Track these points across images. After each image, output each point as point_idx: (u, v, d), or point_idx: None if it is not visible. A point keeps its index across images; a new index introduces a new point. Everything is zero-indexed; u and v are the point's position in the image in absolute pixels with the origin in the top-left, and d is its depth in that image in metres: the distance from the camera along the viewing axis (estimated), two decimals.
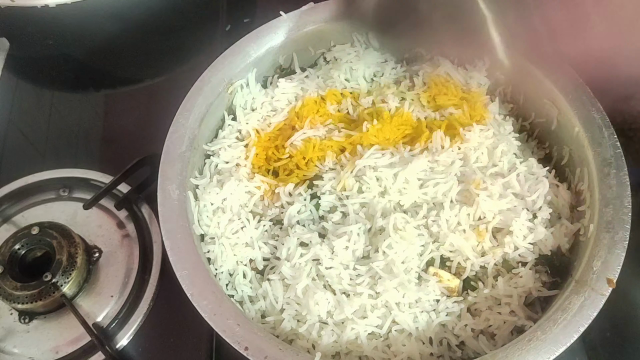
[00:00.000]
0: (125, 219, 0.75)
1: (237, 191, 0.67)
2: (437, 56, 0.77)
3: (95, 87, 0.93)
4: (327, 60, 0.79)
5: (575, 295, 0.56)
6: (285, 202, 0.67)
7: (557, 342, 0.53)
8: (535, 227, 0.63)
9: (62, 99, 0.91)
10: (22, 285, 0.66)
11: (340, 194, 0.66)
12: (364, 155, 0.67)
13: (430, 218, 0.64)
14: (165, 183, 0.64)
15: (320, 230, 0.65)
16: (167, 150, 0.67)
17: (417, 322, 0.59)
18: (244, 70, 0.74)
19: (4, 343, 0.68)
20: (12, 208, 0.77)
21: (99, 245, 0.74)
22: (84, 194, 0.78)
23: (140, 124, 0.86)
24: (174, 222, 0.62)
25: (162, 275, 0.71)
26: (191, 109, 0.70)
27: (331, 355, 0.59)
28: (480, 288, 0.62)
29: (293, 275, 0.61)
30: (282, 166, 0.70)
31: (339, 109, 0.74)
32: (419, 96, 0.74)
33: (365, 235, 0.63)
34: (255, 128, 0.72)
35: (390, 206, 0.65)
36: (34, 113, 0.89)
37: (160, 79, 0.93)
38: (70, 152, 0.85)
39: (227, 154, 0.70)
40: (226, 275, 0.64)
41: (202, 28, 0.95)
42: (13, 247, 0.68)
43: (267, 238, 0.66)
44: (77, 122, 0.89)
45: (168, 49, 0.94)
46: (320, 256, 0.62)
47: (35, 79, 0.94)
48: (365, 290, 0.60)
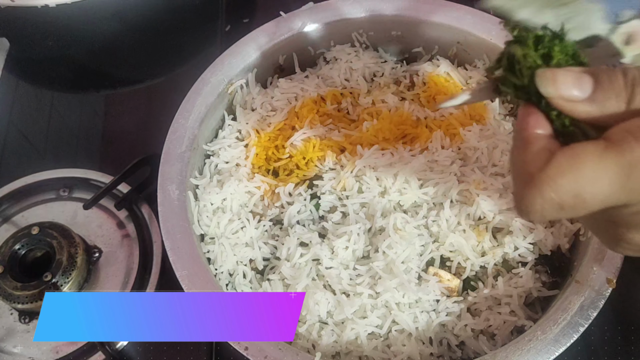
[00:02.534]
0: (125, 219, 0.75)
1: (237, 191, 0.67)
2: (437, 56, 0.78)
3: (95, 87, 0.93)
4: (327, 60, 0.79)
5: (575, 295, 0.56)
6: (285, 202, 0.67)
7: (557, 342, 0.53)
8: (535, 227, 0.63)
9: (62, 99, 0.91)
10: (22, 285, 0.66)
11: (340, 194, 0.66)
12: (364, 155, 0.67)
13: (430, 218, 0.64)
14: (165, 183, 0.64)
15: (320, 230, 0.65)
16: (167, 150, 0.67)
17: (417, 322, 0.59)
18: (244, 70, 0.74)
19: (4, 343, 0.68)
20: (12, 208, 0.77)
21: (99, 245, 0.74)
22: (84, 194, 0.78)
23: (140, 124, 0.86)
24: (174, 222, 0.62)
25: (162, 275, 0.71)
26: (191, 109, 0.70)
27: (331, 355, 0.59)
28: (480, 288, 0.62)
29: (293, 275, 0.61)
30: (282, 166, 0.70)
31: (339, 109, 0.74)
32: (418, 96, 0.74)
33: (365, 235, 0.63)
34: (255, 128, 0.72)
35: (390, 206, 0.65)
36: (34, 113, 0.89)
37: (160, 79, 0.93)
38: (70, 152, 0.85)
39: (227, 154, 0.70)
40: (226, 275, 0.64)
41: (202, 28, 0.95)
42: (13, 247, 0.68)
43: (267, 238, 0.66)
44: (77, 122, 0.89)
45: (168, 49, 0.94)
46: (320, 256, 0.62)
47: (35, 79, 0.94)
48: (365, 290, 0.60)
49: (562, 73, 0.31)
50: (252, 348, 0.54)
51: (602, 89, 0.30)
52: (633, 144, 0.28)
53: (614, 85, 0.30)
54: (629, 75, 0.30)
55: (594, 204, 0.29)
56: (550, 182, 0.29)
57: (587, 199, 0.29)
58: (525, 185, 0.30)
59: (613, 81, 0.30)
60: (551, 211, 0.30)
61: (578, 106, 0.31)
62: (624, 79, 0.30)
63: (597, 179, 0.28)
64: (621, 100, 0.30)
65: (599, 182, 0.28)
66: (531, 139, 0.31)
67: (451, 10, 0.75)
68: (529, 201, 0.30)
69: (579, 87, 0.31)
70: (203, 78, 0.72)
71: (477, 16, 0.74)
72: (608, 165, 0.28)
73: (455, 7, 0.75)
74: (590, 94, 0.31)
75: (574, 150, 0.29)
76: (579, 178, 0.29)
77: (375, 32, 0.78)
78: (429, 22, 0.75)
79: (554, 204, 0.29)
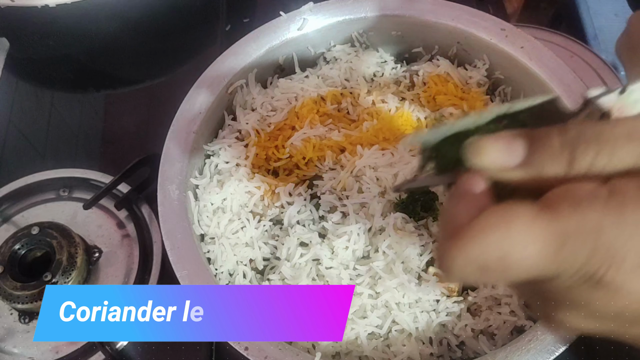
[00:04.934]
0: (125, 219, 0.75)
1: (237, 191, 0.67)
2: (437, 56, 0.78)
3: (95, 87, 0.93)
4: (327, 60, 0.80)
5: None
6: (285, 202, 0.67)
7: (557, 342, 0.53)
8: None
9: (62, 99, 0.91)
10: (22, 285, 0.66)
11: (340, 194, 0.66)
12: (363, 155, 0.67)
13: (431, 218, 0.64)
14: (165, 183, 0.64)
15: (320, 230, 0.65)
16: (167, 150, 0.67)
17: (417, 322, 0.59)
18: (244, 70, 0.74)
19: (4, 343, 0.68)
20: (12, 208, 0.77)
21: (99, 245, 0.74)
22: (84, 194, 0.78)
23: (140, 124, 0.86)
24: (174, 222, 0.62)
25: (162, 275, 0.71)
26: (191, 109, 0.70)
27: (331, 355, 0.59)
28: (480, 288, 0.62)
29: (293, 275, 0.61)
30: (282, 166, 0.70)
31: (339, 109, 0.74)
32: (418, 96, 0.74)
33: (365, 235, 0.63)
34: (255, 128, 0.72)
35: (390, 206, 0.65)
36: (34, 113, 0.89)
37: (160, 79, 0.93)
38: (70, 152, 0.85)
39: (227, 154, 0.70)
40: (226, 275, 0.64)
41: (202, 28, 0.95)
42: (13, 247, 0.68)
43: (267, 238, 0.66)
44: (77, 122, 0.89)
45: (168, 49, 0.94)
46: (320, 256, 0.62)
47: (35, 79, 0.94)
48: (365, 290, 0.60)
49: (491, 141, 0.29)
50: (252, 348, 0.54)
51: (537, 152, 0.28)
52: (567, 211, 0.26)
53: (547, 147, 0.27)
54: (568, 135, 0.27)
55: (519, 271, 0.26)
56: (474, 238, 0.26)
57: (512, 265, 0.26)
58: (449, 238, 0.27)
59: (547, 143, 0.27)
60: (473, 270, 0.27)
61: (510, 173, 0.28)
62: (559, 140, 0.27)
63: (526, 243, 0.26)
64: (559, 163, 0.27)
65: (528, 248, 0.26)
66: (465, 194, 0.29)
67: (451, 10, 0.75)
68: (450, 255, 0.27)
69: (509, 153, 0.28)
70: (203, 78, 0.72)
71: (477, 16, 0.74)
72: (539, 231, 0.26)
73: (455, 7, 0.75)
74: (524, 159, 0.28)
75: (505, 209, 0.27)
76: (506, 238, 0.26)
77: (375, 32, 0.78)
78: (429, 22, 0.75)
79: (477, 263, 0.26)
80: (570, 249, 0.25)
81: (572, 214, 0.26)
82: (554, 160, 0.27)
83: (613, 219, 0.25)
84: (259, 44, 0.75)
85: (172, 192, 0.64)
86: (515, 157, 0.28)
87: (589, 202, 0.26)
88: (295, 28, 0.76)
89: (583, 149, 0.27)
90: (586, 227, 0.25)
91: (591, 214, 0.25)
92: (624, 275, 0.25)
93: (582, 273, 0.26)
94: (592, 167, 0.27)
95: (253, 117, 0.73)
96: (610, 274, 0.25)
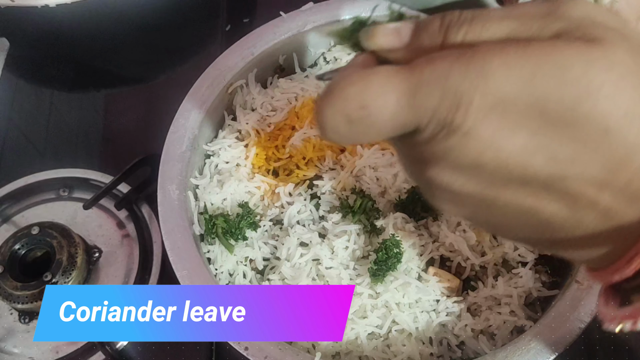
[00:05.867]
0: (125, 219, 0.75)
1: (237, 191, 0.67)
2: None
3: (95, 87, 0.93)
4: (327, 60, 0.79)
5: (575, 295, 0.56)
6: (285, 202, 0.67)
7: (557, 342, 0.53)
8: None
9: (62, 99, 0.91)
10: (22, 285, 0.66)
11: (340, 194, 0.66)
12: (363, 155, 0.67)
13: (430, 218, 0.64)
14: (165, 183, 0.64)
15: (320, 230, 0.65)
16: (167, 150, 0.67)
17: (417, 322, 0.59)
18: (244, 70, 0.74)
19: (4, 343, 0.68)
20: (12, 208, 0.77)
21: (99, 245, 0.74)
22: (84, 194, 0.78)
23: (140, 124, 0.86)
24: (174, 222, 0.62)
25: (162, 275, 0.71)
26: (191, 109, 0.70)
27: (331, 355, 0.59)
28: (480, 288, 0.62)
29: (293, 275, 0.61)
30: (282, 166, 0.70)
31: None
32: None
33: (365, 235, 0.63)
34: (255, 128, 0.72)
35: (390, 206, 0.65)
36: (34, 113, 0.89)
37: (160, 79, 0.93)
38: (70, 152, 0.85)
39: (227, 154, 0.70)
40: (226, 275, 0.64)
41: (202, 28, 0.95)
42: (13, 247, 0.68)
43: (267, 238, 0.66)
44: (77, 122, 0.89)
45: (168, 48, 0.94)
46: (320, 256, 0.62)
47: (35, 79, 0.94)
48: (365, 290, 0.60)
49: (381, 27, 0.33)
50: (252, 348, 0.54)
51: (418, 34, 0.31)
52: (423, 65, 0.28)
53: (429, 29, 0.31)
54: (446, 19, 0.30)
55: (383, 123, 0.29)
56: (339, 90, 0.29)
57: (373, 114, 0.29)
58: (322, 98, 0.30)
59: (428, 25, 0.31)
60: (340, 122, 0.29)
61: (396, 53, 0.32)
62: (439, 21, 0.30)
63: (384, 92, 0.28)
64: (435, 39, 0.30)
65: (385, 96, 0.28)
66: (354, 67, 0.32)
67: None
68: (321, 111, 0.30)
69: (396, 36, 0.32)
70: (203, 78, 0.72)
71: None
72: (395, 82, 0.28)
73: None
74: (408, 41, 0.31)
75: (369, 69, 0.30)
76: (365, 89, 0.29)
77: None
78: None
79: (342, 113, 0.29)
80: (422, 95, 0.28)
81: (426, 66, 0.28)
82: (431, 38, 0.30)
83: (460, 66, 0.27)
84: (259, 44, 0.75)
85: (172, 192, 0.64)
86: (402, 40, 0.32)
87: (443, 56, 0.28)
88: (295, 28, 0.76)
89: (457, 26, 0.29)
90: (435, 74, 0.27)
91: (442, 64, 0.27)
92: (472, 117, 0.27)
93: (436, 120, 0.28)
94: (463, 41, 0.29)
95: (253, 117, 0.73)
96: (459, 117, 0.27)
